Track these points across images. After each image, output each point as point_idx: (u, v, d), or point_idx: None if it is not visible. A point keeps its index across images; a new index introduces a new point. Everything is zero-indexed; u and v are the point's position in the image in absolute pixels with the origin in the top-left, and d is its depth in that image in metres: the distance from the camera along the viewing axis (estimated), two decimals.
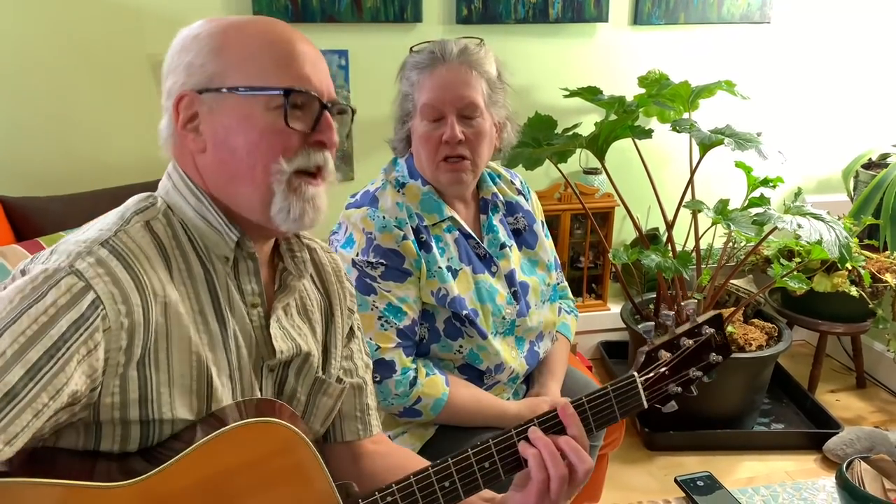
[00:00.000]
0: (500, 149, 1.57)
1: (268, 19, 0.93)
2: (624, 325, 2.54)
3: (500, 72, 1.51)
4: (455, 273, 1.49)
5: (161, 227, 0.89)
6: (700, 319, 1.09)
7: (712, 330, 1.08)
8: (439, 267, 1.46)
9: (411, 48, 1.50)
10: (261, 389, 0.97)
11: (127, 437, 0.84)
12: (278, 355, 0.96)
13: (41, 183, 2.22)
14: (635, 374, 1.04)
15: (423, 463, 1.10)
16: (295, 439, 0.89)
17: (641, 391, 1.03)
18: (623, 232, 2.92)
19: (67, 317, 0.77)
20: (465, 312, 1.46)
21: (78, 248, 0.82)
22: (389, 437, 1.44)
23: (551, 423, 1.00)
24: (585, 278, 2.87)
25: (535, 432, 0.99)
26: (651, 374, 1.05)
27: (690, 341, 1.07)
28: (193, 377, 0.87)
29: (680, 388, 1.07)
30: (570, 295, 1.83)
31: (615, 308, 2.82)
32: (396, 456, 1.16)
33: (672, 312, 1.10)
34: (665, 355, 1.06)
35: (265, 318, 0.96)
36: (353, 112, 0.98)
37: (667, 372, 1.06)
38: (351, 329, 1.14)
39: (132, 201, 0.93)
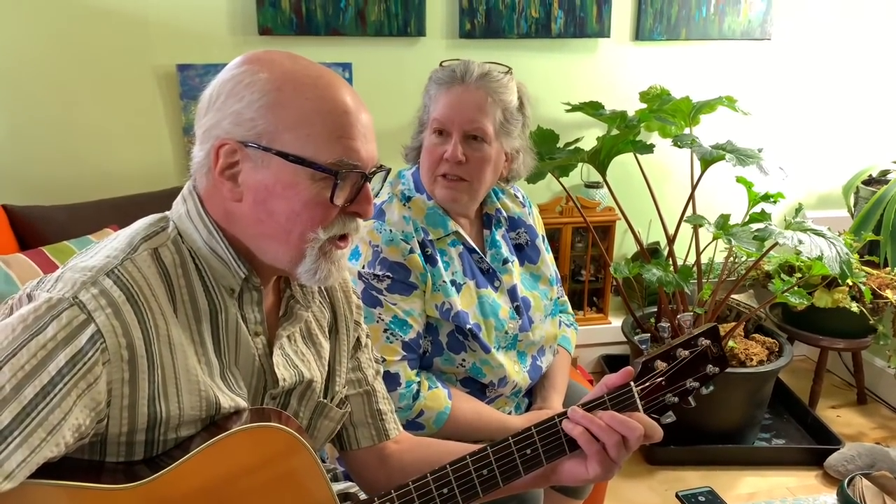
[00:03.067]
0: (507, 178, 1.58)
1: (326, 78, 0.89)
2: (625, 339, 2.54)
3: (522, 103, 1.50)
4: (459, 287, 1.49)
5: (169, 255, 0.89)
6: (696, 331, 1.10)
7: (708, 341, 1.09)
8: (444, 281, 1.46)
9: (441, 62, 1.51)
10: None
11: (132, 453, 0.85)
12: (281, 383, 0.97)
13: (45, 192, 2.23)
14: (631, 383, 1.04)
15: (445, 448, 1.13)
16: (296, 445, 0.90)
17: (638, 400, 1.04)
18: (624, 246, 2.93)
19: (66, 352, 0.77)
20: (468, 327, 1.46)
21: (83, 276, 0.82)
22: None
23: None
24: (586, 292, 2.87)
25: (575, 412, 1.00)
26: (647, 384, 1.06)
27: (686, 352, 1.08)
28: (203, 408, 0.87)
29: (677, 399, 1.07)
30: (570, 308, 1.83)
31: (616, 322, 2.82)
32: (420, 449, 1.16)
33: (668, 324, 1.11)
34: (661, 365, 1.07)
35: (268, 346, 0.97)
36: (388, 171, 0.97)
37: (663, 382, 1.07)
38: (358, 340, 1.15)
39: (143, 224, 0.92)
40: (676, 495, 1.47)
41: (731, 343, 2.37)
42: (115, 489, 0.79)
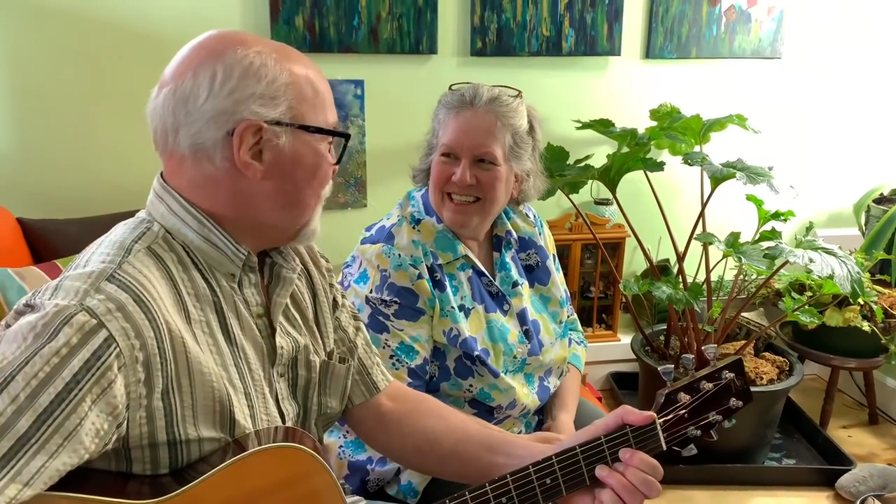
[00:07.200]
0: (517, 201, 1.58)
1: (302, 56, 0.98)
2: (634, 357, 2.53)
3: (532, 126, 1.51)
4: (468, 312, 1.49)
5: (164, 252, 0.90)
6: (720, 364, 1.09)
7: (732, 374, 1.08)
8: (452, 307, 1.46)
9: (451, 86, 1.52)
10: (272, 393, 0.98)
11: (157, 460, 0.86)
12: (279, 351, 0.98)
13: (60, 205, 2.26)
14: (654, 415, 1.04)
15: (443, 424, 1.15)
16: (316, 466, 0.91)
17: (660, 433, 1.03)
18: (634, 263, 2.93)
19: (79, 356, 0.76)
20: (476, 353, 1.45)
21: (84, 283, 0.81)
22: (399, 469, 1.44)
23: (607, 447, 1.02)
24: (595, 308, 2.87)
25: (602, 470, 1.00)
26: (670, 416, 1.05)
27: (710, 385, 1.07)
28: (216, 399, 0.88)
29: (699, 432, 1.06)
30: (580, 326, 1.82)
31: (625, 339, 2.81)
32: (415, 415, 1.17)
33: (692, 356, 1.10)
34: (685, 398, 1.06)
35: (269, 324, 0.99)
36: (348, 138, 1.07)
37: (686, 415, 1.05)
38: (335, 300, 1.16)
39: (126, 229, 0.92)
40: None
41: None
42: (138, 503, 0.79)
